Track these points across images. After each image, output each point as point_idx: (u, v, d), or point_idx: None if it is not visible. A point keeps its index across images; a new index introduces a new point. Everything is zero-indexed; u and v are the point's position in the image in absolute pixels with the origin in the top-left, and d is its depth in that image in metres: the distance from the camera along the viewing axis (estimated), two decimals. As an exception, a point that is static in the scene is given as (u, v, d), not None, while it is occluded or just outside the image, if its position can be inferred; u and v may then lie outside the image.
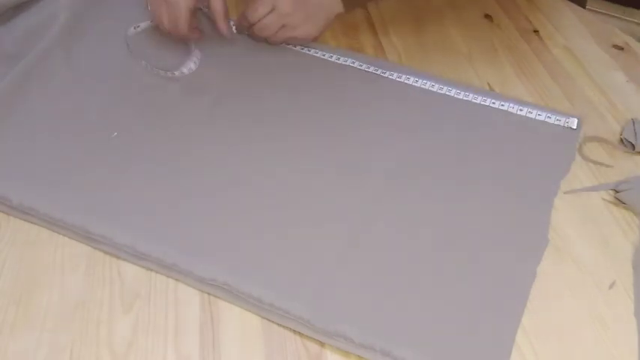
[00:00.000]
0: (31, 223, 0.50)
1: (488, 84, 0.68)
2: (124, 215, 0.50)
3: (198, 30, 0.68)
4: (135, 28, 0.69)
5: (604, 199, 0.56)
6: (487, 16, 0.79)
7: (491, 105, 0.63)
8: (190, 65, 0.65)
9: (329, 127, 0.60)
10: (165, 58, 0.66)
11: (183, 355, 0.43)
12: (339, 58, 0.68)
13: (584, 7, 0.86)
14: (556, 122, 0.61)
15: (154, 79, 0.64)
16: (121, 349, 0.43)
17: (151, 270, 0.48)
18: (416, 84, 0.65)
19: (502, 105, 0.63)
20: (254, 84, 0.65)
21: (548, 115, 0.62)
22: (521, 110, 0.63)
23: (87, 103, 0.60)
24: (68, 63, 0.65)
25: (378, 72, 0.66)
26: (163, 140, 0.57)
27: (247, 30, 0.68)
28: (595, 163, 0.59)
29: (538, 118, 0.62)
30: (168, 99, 0.62)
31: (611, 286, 0.49)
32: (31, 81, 0.62)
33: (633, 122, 0.62)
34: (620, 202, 0.55)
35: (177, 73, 0.64)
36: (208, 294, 0.47)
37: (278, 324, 0.45)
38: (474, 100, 0.63)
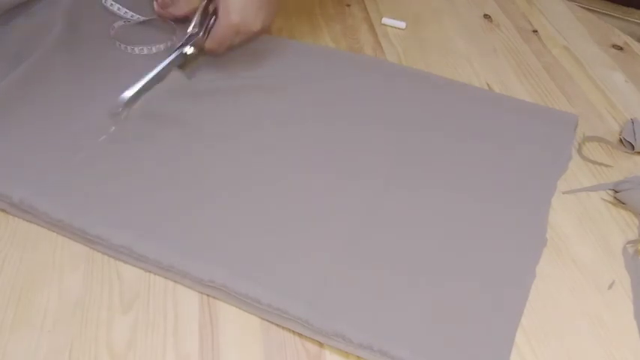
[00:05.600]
0: (30, 222, 0.50)
1: (488, 84, 0.68)
2: (121, 216, 0.50)
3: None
4: (125, 21, 0.70)
5: (603, 199, 0.56)
6: (486, 16, 0.79)
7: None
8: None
9: (327, 126, 0.60)
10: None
11: (183, 356, 0.43)
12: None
13: None
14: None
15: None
16: (120, 349, 0.43)
17: (150, 271, 0.48)
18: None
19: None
20: (248, 80, 0.65)
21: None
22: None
23: (88, 103, 0.60)
24: (69, 63, 0.64)
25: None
26: (163, 140, 0.57)
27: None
28: (594, 163, 0.59)
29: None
30: (167, 99, 0.62)
31: (610, 286, 0.49)
32: (32, 81, 0.61)
33: (632, 122, 0.62)
34: (619, 202, 0.55)
35: (154, 49, 0.67)
36: (207, 295, 0.47)
37: (277, 324, 0.45)
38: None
